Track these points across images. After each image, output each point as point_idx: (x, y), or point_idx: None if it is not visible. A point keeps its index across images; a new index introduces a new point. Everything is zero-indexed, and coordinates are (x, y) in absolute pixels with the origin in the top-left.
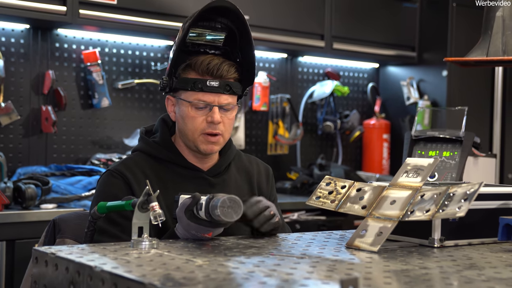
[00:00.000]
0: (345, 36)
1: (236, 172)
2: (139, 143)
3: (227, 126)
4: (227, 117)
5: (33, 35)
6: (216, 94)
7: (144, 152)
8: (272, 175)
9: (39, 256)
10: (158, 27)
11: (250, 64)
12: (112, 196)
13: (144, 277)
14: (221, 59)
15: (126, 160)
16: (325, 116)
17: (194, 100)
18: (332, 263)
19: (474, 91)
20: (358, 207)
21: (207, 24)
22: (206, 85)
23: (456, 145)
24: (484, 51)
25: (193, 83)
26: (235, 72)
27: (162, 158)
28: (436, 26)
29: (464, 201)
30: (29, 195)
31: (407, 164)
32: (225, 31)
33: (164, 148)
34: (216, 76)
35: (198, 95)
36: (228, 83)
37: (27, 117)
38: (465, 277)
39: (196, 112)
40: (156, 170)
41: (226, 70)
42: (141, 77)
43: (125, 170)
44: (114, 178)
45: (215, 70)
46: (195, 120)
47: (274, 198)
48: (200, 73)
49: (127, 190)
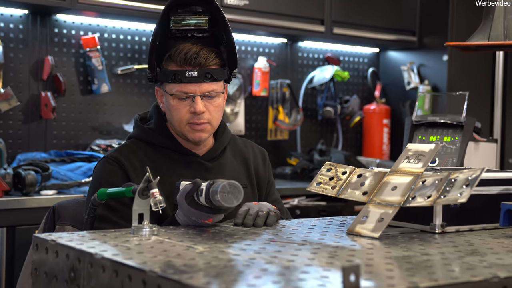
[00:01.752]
0: (345, 20)
1: (232, 156)
2: (134, 130)
3: (213, 113)
4: (212, 105)
5: (32, 21)
6: (196, 83)
7: (139, 139)
8: (267, 158)
9: (39, 243)
10: (157, 12)
11: (231, 47)
12: (108, 183)
13: (145, 264)
14: (199, 47)
15: (121, 147)
16: (325, 101)
17: (175, 92)
18: (333, 249)
19: (474, 75)
20: (359, 193)
21: (187, 9)
22: (185, 76)
23: (457, 130)
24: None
25: (173, 75)
26: (215, 57)
27: (157, 144)
28: (437, 11)
29: (465, 187)
30: (29, 181)
31: (408, 149)
32: (206, 13)
33: (159, 134)
34: (195, 65)
35: (178, 86)
36: (208, 70)
37: (27, 103)
38: (466, 263)
39: (179, 103)
40: (151, 156)
41: (204, 58)
42: (141, 63)
43: (121, 157)
44: (110, 165)
45: (192, 59)
46: (179, 111)
47: (272, 181)
48: (179, 64)
49: (123, 177)
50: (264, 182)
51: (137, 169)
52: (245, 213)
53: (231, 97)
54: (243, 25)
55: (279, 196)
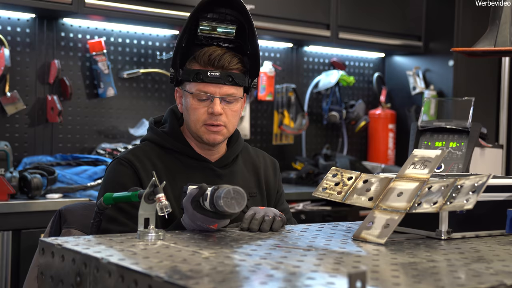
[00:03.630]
0: (351, 25)
1: (243, 164)
2: (148, 132)
3: (230, 117)
4: (230, 109)
5: (39, 25)
6: (217, 85)
7: (153, 142)
8: (278, 169)
9: (45, 247)
10: (163, 16)
11: (256, 55)
12: (120, 185)
13: (151, 269)
14: (224, 50)
15: (135, 149)
16: (331, 106)
17: (196, 91)
18: (339, 255)
19: (480, 81)
20: (365, 199)
21: (217, 16)
22: (207, 76)
23: (463, 136)
24: (492, 41)
25: (195, 74)
26: (237, 63)
27: (171, 148)
28: (443, 16)
29: (472, 194)
30: (35, 184)
31: (414, 155)
32: (235, 23)
33: (172, 138)
34: (218, 66)
35: (199, 85)
36: (230, 74)
37: (33, 107)
38: (473, 270)
39: (198, 103)
40: (164, 160)
41: (227, 61)
42: (147, 67)
43: (134, 159)
44: (122, 166)
45: (216, 60)
46: (197, 111)
47: (281, 191)
48: (202, 64)
49: (135, 179)
50: (274, 192)
51: (149, 172)
52: (251, 217)
53: None
54: None
55: (287, 206)
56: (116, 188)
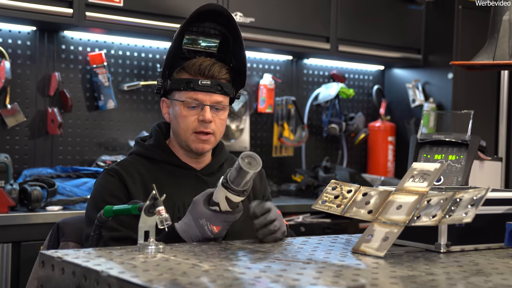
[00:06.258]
0: (350, 38)
1: None
2: (134, 147)
3: (218, 125)
4: (218, 117)
5: (40, 37)
6: (207, 93)
7: (140, 155)
8: (264, 176)
9: (45, 260)
10: (163, 29)
11: (242, 67)
12: (108, 192)
13: (151, 282)
14: (212, 61)
15: (122, 162)
16: (330, 118)
17: (186, 99)
18: (338, 268)
19: (479, 94)
20: (364, 212)
21: (201, 30)
22: (198, 84)
23: (462, 149)
24: (491, 54)
25: (186, 83)
26: (226, 73)
27: (157, 159)
28: (442, 29)
29: (471, 207)
30: (35, 197)
31: (414, 168)
32: (219, 37)
33: (158, 149)
34: (208, 76)
35: (190, 94)
36: (219, 83)
37: (33, 119)
38: (472, 284)
39: (188, 111)
40: (151, 170)
41: (217, 71)
42: (147, 79)
43: (121, 170)
44: (110, 176)
45: (206, 70)
46: (187, 119)
47: (267, 196)
48: (192, 73)
49: (122, 188)
50: (260, 197)
51: (136, 182)
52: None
53: (237, 114)
54: (249, 42)
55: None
56: (104, 198)
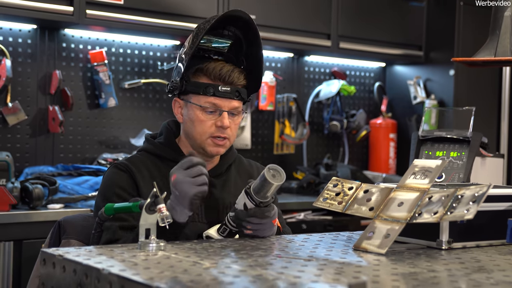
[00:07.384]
0: (351, 35)
1: (237, 174)
2: (144, 143)
3: (233, 130)
4: (234, 122)
5: (40, 35)
6: (226, 99)
7: (149, 152)
8: None
9: (47, 257)
10: (164, 27)
11: (259, 73)
12: (118, 186)
13: (152, 280)
14: (232, 66)
15: (131, 157)
16: (332, 115)
17: (205, 104)
18: (339, 265)
19: (481, 90)
20: (366, 209)
21: (216, 31)
22: (218, 90)
23: (464, 146)
24: (492, 51)
25: (205, 87)
26: (244, 79)
27: (166, 157)
28: (443, 25)
29: (472, 203)
30: (36, 195)
31: (415, 165)
32: (232, 39)
33: (168, 148)
34: (227, 82)
35: (209, 99)
36: (237, 89)
37: (34, 117)
38: (473, 281)
39: (206, 116)
40: (160, 168)
41: (236, 77)
42: (148, 77)
43: (130, 165)
44: (120, 170)
45: (226, 76)
46: (204, 124)
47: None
48: (212, 78)
49: (131, 183)
50: None
51: (145, 178)
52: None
53: None
54: None
55: (280, 213)
56: (114, 191)
